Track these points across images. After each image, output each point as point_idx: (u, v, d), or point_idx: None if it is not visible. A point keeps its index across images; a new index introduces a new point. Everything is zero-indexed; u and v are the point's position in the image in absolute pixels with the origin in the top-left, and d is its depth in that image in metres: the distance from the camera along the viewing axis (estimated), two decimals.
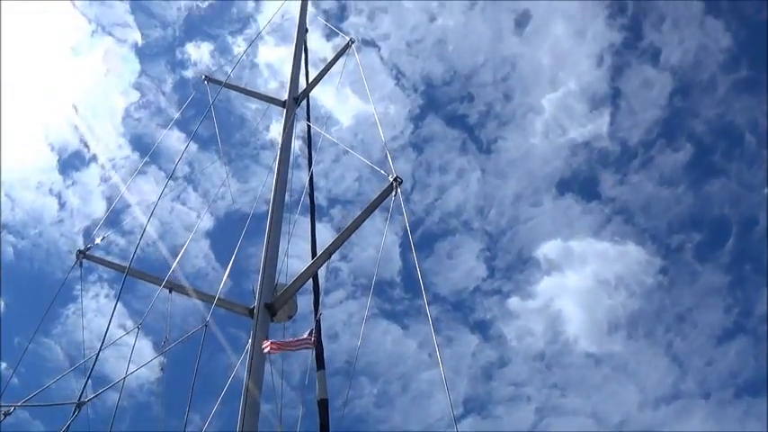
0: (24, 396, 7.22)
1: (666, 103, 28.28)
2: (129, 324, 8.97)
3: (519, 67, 29.21)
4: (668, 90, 28.17)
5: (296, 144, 10.01)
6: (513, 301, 26.88)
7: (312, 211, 8.69)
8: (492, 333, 26.90)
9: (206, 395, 7.33)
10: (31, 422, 17.23)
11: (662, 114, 28.32)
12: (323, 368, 7.02)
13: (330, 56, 11.36)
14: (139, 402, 15.15)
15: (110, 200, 26.13)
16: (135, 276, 8.77)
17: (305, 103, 10.62)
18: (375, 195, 7.81)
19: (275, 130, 11.52)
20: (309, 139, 9.70)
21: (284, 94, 10.70)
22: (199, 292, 8.27)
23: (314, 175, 9.66)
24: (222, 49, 28.34)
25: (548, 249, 27.33)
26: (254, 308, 7.62)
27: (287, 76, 10.90)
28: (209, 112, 10.40)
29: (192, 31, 28.92)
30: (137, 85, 27.62)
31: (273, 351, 6.99)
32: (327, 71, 10.86)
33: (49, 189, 26.36)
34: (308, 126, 9.84)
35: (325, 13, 13.80)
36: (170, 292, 8.27)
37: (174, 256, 8.56)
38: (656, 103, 28.28)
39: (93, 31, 27.33)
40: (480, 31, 29.46)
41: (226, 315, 8.02)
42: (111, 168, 26.15)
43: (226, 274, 8.04)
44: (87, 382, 7.05)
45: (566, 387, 25.16)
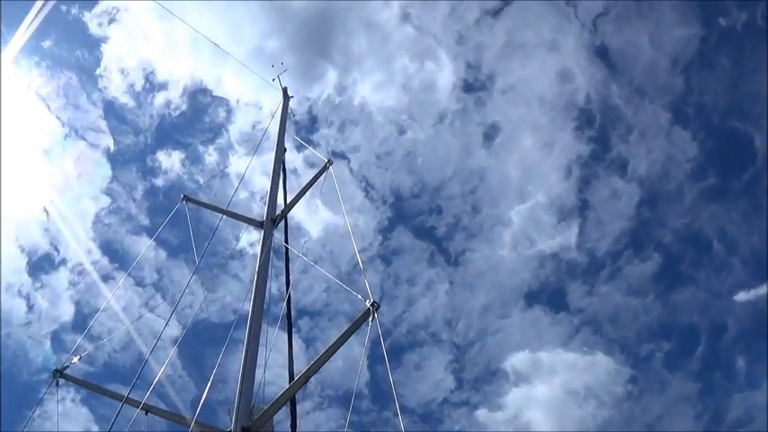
0: None
1: (634, 214, 29.25)
2: None
3: (487, 180, 30.13)
4: (636, 200, 29.22)
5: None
6: (482, 413, 26.88)
7: (289, 334, 8.89)
8: None
9: None
10: None
11: (629, 225, 29.25)
12: None
13: (299, 165, 11.80)
14: None
15: (78, 304, 26.12)
16: (110, 397, 8.83)
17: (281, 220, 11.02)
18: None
19: (245, 240, 11.84)
20: (287, 262, 10.00)
21: (257, 208, 11.13)
22: (175, 415, 8.32)
23: (281, 285, 9.91)
24: (193, 158, 28.99)
25: (516, 361, 27.56)
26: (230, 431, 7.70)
27: (257, 186, 11.27)
28: (180, 223, 10.83)
29: (164, 138, 29.54)
30: (108, 191, 27.95)
31: None
32: (305, 193, 11.29)
33: (18, 291, 26.21)
34: (285, 248, 10.17)
35: (296, 125, 14.38)
36: (146, 414, 8.31)
37: (147, 367, 8.62)
38: (623, 213, 29.24)
39: (67, 135, 27.79)
40: (449, 144, 30.48)
41: None
42: (80, 273, 26.05)
43: (204, 397, 8.10)
44: None
45: None
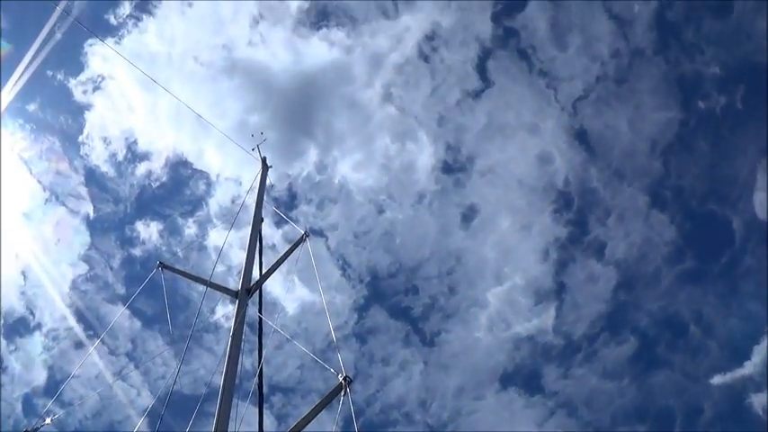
0: None
1: (611, 297, 29.37)
2: None
3: (465, 261, 30.28)
4: (612, 284, 29.38)
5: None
6: None
7: (260, 409, 8.70)
8: None
9: None
10: None
11: (606, 308, 29.35)
12: None
13: (277, 240, 11.80)
14: None
15: (51, 369, 25.60)
16: None
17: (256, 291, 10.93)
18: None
19: (220, 312, 11.71)
20: (260, 332, 9.89)
21: (233, 282, 11.03)
22: None
23: (254, 360, 9.76)
24: (171, 230, 28.99)
25: None
26: None
27: (234, 260, 11.25)
28: (155, 293, 10.71)
29: (143, 208, 29.62)
30: (86, 258, 27.79)
31: None
32: (280, 264, 11.24)
33: None
34: (259, 318, 10.05)
35: (276, 201, 14.47)
36: None
37: None
38: (600, 296, 29.38)
39: (47, 199, 27.70)
40: (427, 225, 30.70)
41: None
42: (55, 338, 25.66)
43: None
44: None
45: None
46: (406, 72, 30.68)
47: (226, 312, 11.87)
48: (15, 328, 26.86)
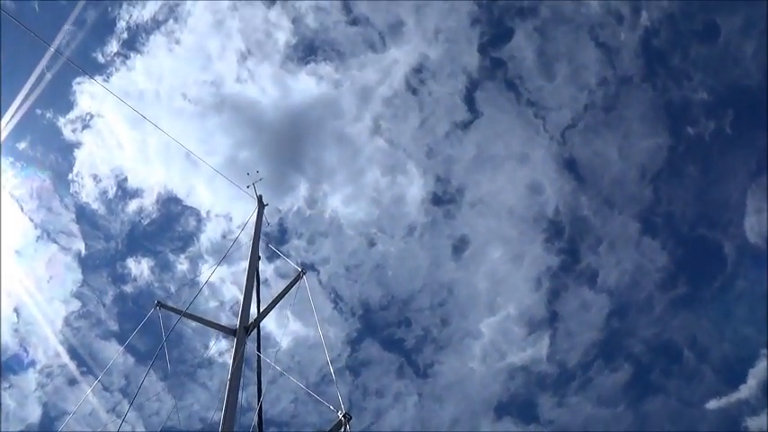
0: None
1: (604, 325, 29.33)
2: None
3: (456, 292, 30.41)
4: (606, 311, 29.39)
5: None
6: None
7: None
8: None
9: None
10: None
11: (600, 336, 29.54)
12: None
13: (269, 274, 11.82)
14: None
15: (46, 406, 25.42)
16: None
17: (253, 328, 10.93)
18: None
19: (214, 349, 11.69)
20: (259, 370, 9.87)
21: (225, 317, 11.07)
22: None
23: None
24: (163, 266, 28.96)
25: None
26: None
27: (227, 296, 11.26)
28: (149, 330, 10.78)
29: (135, 245, 29.67)
30: (78, 295, 27.82)
31: None
32: (279, 301, 11.27)
33: None
34: (258, 357, 10.05)
35: (267, 236, 14.47)
36: None
37: None
38: (593, 324, 29.41)
39: (39, 237, 27.72)
40: (418, 257, 30.76)
41: None
42: (49, 375, 25.54)
43: None
44: None
45: None
46: (394, 105, 31.04)
47: (219, 348, 11.88)
48: (9, 365, 26.96)
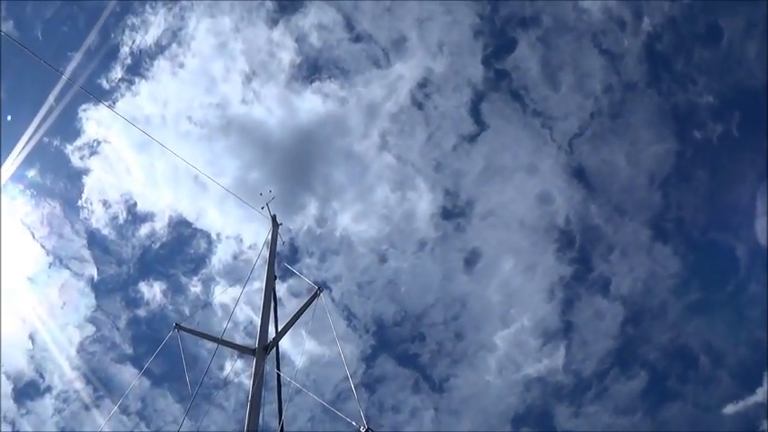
0: None
1: (618, 333, 29.20)
2: None
3: (470, 306, 30.35)
4: (620, 319, 29.25)
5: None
6: None
7: None
8: None
9: None
10: None
11: (614, 344, 29.28)
12: None
13: (282, 293, 11.87)
14: None
15: (63, 431, 25.50)
16: None
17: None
18: None
19: (228, 367, 11.72)
20: (279, 389, 9.90)
21: (239, 338, 11.13)
22: None
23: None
24: (175, 289, 29.08)
25: None
26: None
27: (240, 317, 11.32)
28: (165, 352, 10.89)
29: (146, 269, 29.86)
30: (92, 319, 27.97)
31: None
32: (296, 320, 11.30)
33: (4, 416, 26.05)
34: (278, 375, 10.08)
35: (279, 255, 14.54)
36: None
37: None
38: (608, 333, 29.27)
39: (51, 263, 27.94)
40: (430, 271, 30.71)
41: None
42: (65, 400, 25.69)
43: None
44: None
45: None
46: (400, 120, 31.01)
47: (235, 368, 11.89)
48: (25, 391, 27.05)
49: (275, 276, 12.90)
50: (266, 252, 13.52)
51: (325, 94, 30.36)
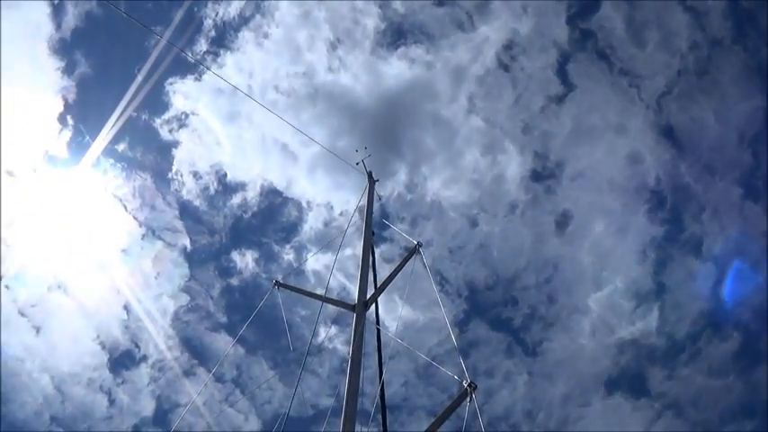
0: None
1: (711, 294, 28.46)
2: None
3: (562, 269, 29.68)
4: (713, 280, 28.35)
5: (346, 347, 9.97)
6: None
7: (384, 422, 8.56)
8: None
9: None
10: None
11: (707, 306, 28.52)
12: None
13: (377, 262, 11.70)
14: None
15: (159, 399, 26.80)
16: None
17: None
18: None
19: (322, 333, 11.66)
20: (379, 344, 9.79)
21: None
22: None
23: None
24: (267, 257, 29.62)
25: None
26: None
27: (332, 283, 11.16)
28: (259, 317, 10.93)
29: (238, 238, 30.27)
30: (186, 289, 28.74)
31: None
32: (395, 275, 11.11)
33: (100, 386, 26.96)
34: (377, 330, 9.97)
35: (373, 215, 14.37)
36: None
37: None
38: (700, 294, 28.54)
39: (144, 235, 28.84)
40: (521, 235, 30.22)
41: None
42: (161, 369, 26.74)
43: None
44: None
45: None
46: (487, 83, 30.20)
47: (329, 334, 11.80)
48: (121, 361, 27.90)
49: (373, 232, 12.76)
50: (359, 214, 13.43)
51: (411, 59, 29.99)
